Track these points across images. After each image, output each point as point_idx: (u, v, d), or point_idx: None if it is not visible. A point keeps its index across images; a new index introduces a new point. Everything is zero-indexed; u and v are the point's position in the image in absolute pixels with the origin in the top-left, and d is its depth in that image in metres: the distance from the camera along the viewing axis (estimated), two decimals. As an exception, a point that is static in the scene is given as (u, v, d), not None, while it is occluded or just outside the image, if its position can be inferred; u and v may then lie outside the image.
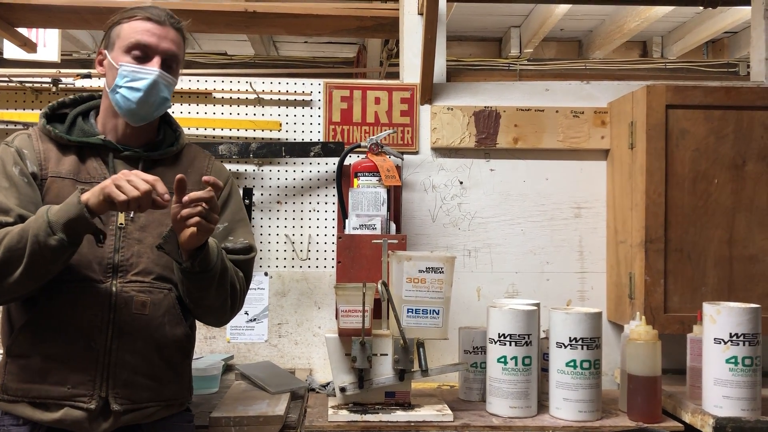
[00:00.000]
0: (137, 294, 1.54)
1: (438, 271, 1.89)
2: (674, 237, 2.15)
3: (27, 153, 1.56)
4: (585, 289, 2.46)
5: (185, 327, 1.61)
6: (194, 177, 1.66)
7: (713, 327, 1.83)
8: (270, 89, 2.42)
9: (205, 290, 1.55)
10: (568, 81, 2.51)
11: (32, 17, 2.65)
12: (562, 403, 1.88)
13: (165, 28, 1.59)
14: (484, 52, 6.55)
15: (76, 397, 1.48)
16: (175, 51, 1.61)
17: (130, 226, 1.56)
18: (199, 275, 1.50)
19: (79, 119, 1.64)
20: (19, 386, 1.50)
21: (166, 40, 1.59)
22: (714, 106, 2.16)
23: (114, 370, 1.51)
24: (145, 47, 1.57)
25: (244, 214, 1.76)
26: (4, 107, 2.37)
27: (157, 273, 1.56)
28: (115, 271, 1.53)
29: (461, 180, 2.45)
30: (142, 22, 1.58)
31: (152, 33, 1.57)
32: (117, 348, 1.51)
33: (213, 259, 1.51)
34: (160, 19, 1.59)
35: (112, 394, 1.50)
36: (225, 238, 1.65)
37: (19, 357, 1.51)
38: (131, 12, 1.60)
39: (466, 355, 2.09)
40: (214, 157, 1.77)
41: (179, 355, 1.62)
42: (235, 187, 1.76)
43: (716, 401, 1.81)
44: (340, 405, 1.89)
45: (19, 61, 3.88)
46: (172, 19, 1.61)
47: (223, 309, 1.62)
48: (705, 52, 6.60)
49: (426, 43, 2.27)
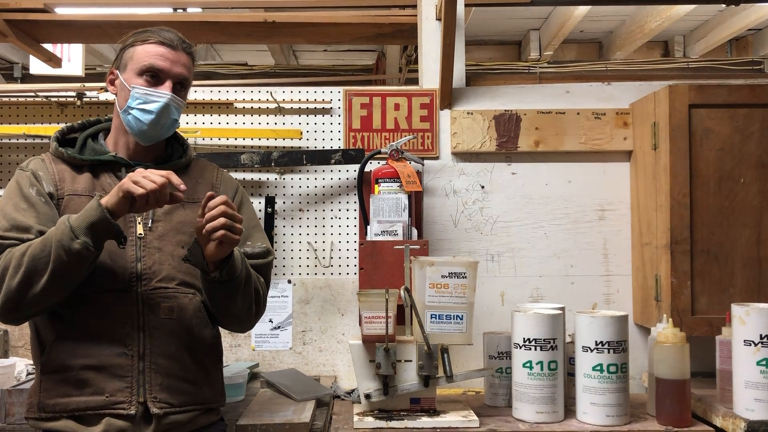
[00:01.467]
0: (163, 300, 1.57)
1: (461, 276, 1.88)
2: (700, 238, 2.12)
3: (42, 175, 1.60)
4: (610, 292, 2.43)
5: (213, 329, 1.65)
6: (204, 188, 1.70)
7: (743, 329, 1.80)
8: (290, 98, 2.44)
9: (232, 298, 1.57)
10: (588, 83, 2.49)
11: (57, 33, 2.70)
12: (589, 408, 1.86)
13: (177, 53, 1.63)
14: (503, 56, 6.53)
15: (115, 405, 1.51)
16: (186, 75, 1.65)
17: (149, 235, 1.59)
18: (226, 284, 1.53)
19: (89, 141, 1.68)
20: (57, 402, 1.52)
21: (179, 65, 1.63)
22: (738, 104, 2.13)
23: (149, 374, 1.54)
24: (158, 71, 1.60)
25: (257, 220, 1.80)
26: (31, 122, 2.41)
27: (180, 279, 1.60)
28: (139, 279, 1.56)
29: (482, 184, 2.44)
30: (155, 46, 1.61)
31: (165, 57, 1.61)
32: (150, 352, 1.55)
33: (238, 267, 1.54)
34: (173, 44, 1.62)
35: (150, 398, 1.53)
36: (243, 243, 1.68)
37: (54, 372, 1.53)
38: (144, 35, 1.63)
39: (491, 361, 2.07)
40: (222, 169, 1.82)
41: (211, 357, 1.66)
42: (245, 194, 1.81)
43: (747, 404, 1.78)
44: (365, 412, 1.89)
45: (44, 76, 3.95)
46: (184, 44, 1.65)
47: (248, 315, 1.65)
48: (728, 50, 6.51)
49: (444, 48, 2.27)
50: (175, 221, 1.62)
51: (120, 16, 2.63)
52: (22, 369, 2.10)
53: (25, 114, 2.42)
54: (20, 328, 2.32)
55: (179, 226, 1.62)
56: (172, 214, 1.63)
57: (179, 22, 2.66)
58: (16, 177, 1.61)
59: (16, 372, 2.07)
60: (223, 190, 1.73)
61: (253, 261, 1.67)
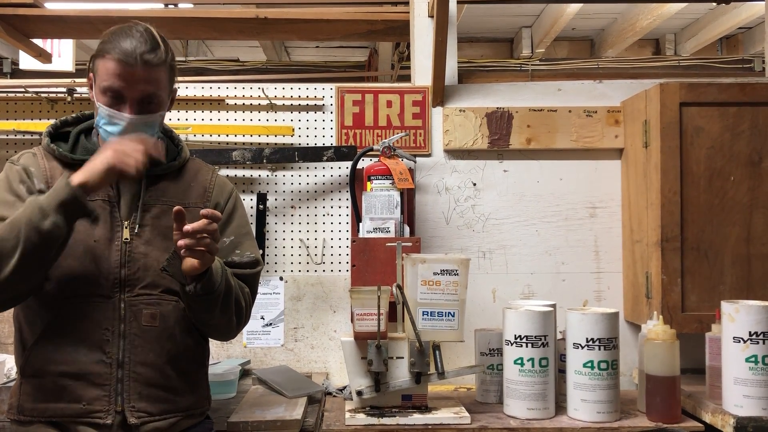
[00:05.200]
0: (146, 306, 1.53)
1: (452, 273, 1.88)
2: (691, 235, 2.13)
3: (34, 171, 1.57)
4: (601, 289, 2.44)
5: (196, 337, 1.61)
6: (198, 190, 1.66)
7: (732, 326, 1.81)
8: (282, 95, 2.43)
9: (210, 311, 1.54)
10: (580, 80, 2.50)
11: (47, 28, 2.68)
12: (580, 404, 1.87)
13: (136, 70, 1.49)
14: (495, 53, 6.54)
15: (92, 414, 1.48)
16: (150, 90, 1.52)
17: (136, 240, 1.55)
18: (202, 297, 1.50)
19: (82, 137, 1.64)
20: (34, 406, 1.50)
21: (140, 83, 1.50)
22: (729, 102, 2.14)
23: (128, 383, 1.50)
24: (117, 92, 1.51)
25: (249, 227, 1.75)
26: (21, 117, 2.40)
27: (164, 286, 1.55)
28: (122, 285, 1.53)
29: (474, 182, 2.44)
30: (114, 64, 1.49)
31: (122, 78, 1.49)
32: (129, 361, 1.51)
33: (217, 281, 1.50)
34: (129, 60, 1.48)
35: (128, 407, 1.49)
36: (231, 252, 1.65)
37: (33, 377, 1.51)
38: (106, 46, 1.51)
39: (482, 357, 2.08)
40: (217, 170, 1.77)
41: (193, 365, 1.62)
42: (239, 200, 1.75)
43: (736, 401, 1.79)
44: (357, 408, 1.90)
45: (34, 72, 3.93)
46: (147, 55, 1.49)
47: (228, 327, 1.61)
48: (719, 48, 6.54)
49: (437, 45, 2.27)
50: (162, 226, 1.56)
51: (110, 12, 2.61)
52: (11, 366, 2.09)
53: (15, 110, 2.40)
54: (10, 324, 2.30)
55: (167, 231, 1.54)
56: (160, 219, 1.57)
57: (170, 17, 2.65)
58: (6, 170, 1.58)
59: (5, 369, 2.06)
60: (216, 195, 1.68)
61: (240, 270, 1.63)
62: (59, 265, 1.50)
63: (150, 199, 1.59)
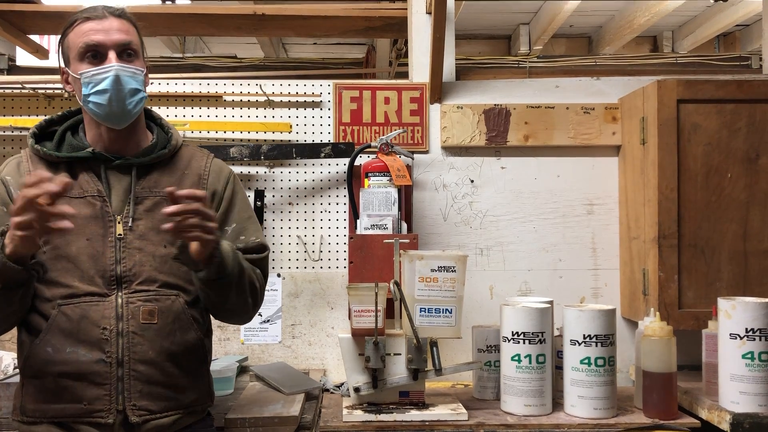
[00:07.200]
0: (144, 303, 1.52)
1: (450, 270, 1.88)
2: (687, 232, 2.13)
3: (11, 180, 1.56)
4: (598, 286, 2.45)
5: (197, 332, 1.59)
6: (192, 178, 1.64)
7: (729, 322, 1.81)
8: (280, 91, 2.43)
9: (225, 295, 1.54)
10: (578, 77, 2.50)
11: (44, 24, 2.67)
12: (577, 401, 1.87)
13: (107, 20, 1.54)
14: (493, 50, 6.54)
15: (93, 413, 1.48)
16: (127, 39, 1.55)
17: (130, 235, 1.53)
18: (217, 282, 1.49)
19: (68, 135, 1.61)
20: (36, 407, 1.50)
21: (113, 32, 1.53)
22: (726, 99, 2.14)
23: (128, 382, 1.49)
24: (95, 47, 1.52)
25: (251, 210, 1.73)
26: (18, 114, 2.39)
27: (161, 280, 1.54)
28: (119, 282, 1.52)
29: (472, 178, 2.44)
30: (82, 24, 1.54)
31: (96, 30, 1.53)
32: (129, 359, 1.50)
33: (229, 263, 1.50)
34: (98, 14, 1.54)
35: (129, 406, 1.49)
36: (236, 238, 1.64)
37: (34, 378, 1.51)
38: (71, 20, 1.57)
39: (479, 354, 2.08)
40: (213, 155, 1.73)
41: (194, 361, 1.60)
42: (238, 184, 1.72)
43: (733, 397, 1.80)
44: (354, 405, 1.90)
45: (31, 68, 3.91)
46: (110, 9, 1.56)
47: (244, 308, 1.61)
48: (716, 45, 6.55)
49: (435, 42, 2.27)
50: (157, 219, 1.52)
51: (108, 8, 2.60)
52: (9, 363, 2.08)
53: (11, 106, 2.40)
54: (7, 321, 2.30)
55: (161, 223, 1.46)
56: (154, 211, 1.55)
57: (168, 14, 2.64)
58: None
59: (3, 366, 2.06)
60: (212, 181, 1.65)
61: (248, 256, 1.62)
62: (53, 266, 1.50)
63: (142, 191, 1.57)
